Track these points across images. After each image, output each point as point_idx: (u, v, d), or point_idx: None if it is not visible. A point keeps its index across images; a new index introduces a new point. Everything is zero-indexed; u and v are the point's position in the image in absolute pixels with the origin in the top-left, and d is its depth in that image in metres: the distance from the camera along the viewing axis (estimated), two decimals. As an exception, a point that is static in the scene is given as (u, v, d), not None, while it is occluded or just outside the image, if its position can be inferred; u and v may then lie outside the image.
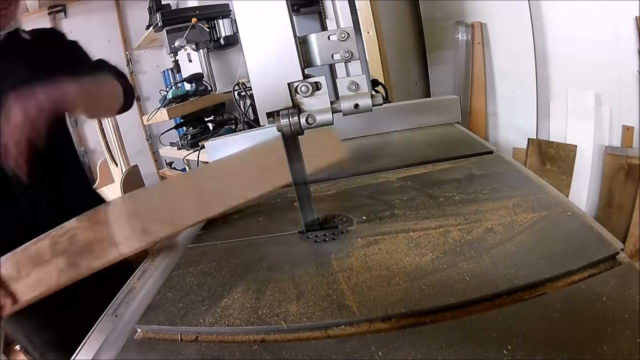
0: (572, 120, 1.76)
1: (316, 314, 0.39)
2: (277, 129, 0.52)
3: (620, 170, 1.67)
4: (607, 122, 1.69)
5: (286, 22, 0.49)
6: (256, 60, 0.51)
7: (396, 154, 0.85)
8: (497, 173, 0.64)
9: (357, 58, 0.50)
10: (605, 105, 1.68)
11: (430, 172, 0.70)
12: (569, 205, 0.50)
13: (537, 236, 0.45)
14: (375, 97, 0.51)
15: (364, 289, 0.42)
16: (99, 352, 0.44)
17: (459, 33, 1.93)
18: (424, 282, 0.41)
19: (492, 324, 0.34)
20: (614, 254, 0.40)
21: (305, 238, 0.56)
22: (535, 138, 1.87)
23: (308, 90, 0.51)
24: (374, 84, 1.31)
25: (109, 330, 0.47)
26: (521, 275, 0.39)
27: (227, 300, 0.45)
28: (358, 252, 0.49)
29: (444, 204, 0.57)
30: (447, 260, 0.43)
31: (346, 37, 0.50)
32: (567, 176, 1.76)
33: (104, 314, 0.51)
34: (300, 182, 0.55)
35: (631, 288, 0.35)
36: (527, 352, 0.30)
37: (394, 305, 0.38)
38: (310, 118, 0.51)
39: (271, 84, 0.51)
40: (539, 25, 1.75)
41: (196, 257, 0.57)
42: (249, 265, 0.51)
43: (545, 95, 1.83)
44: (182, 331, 0.43)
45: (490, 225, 0.49)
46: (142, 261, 0.62)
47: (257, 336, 0.40)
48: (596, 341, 0.30)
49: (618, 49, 1.59)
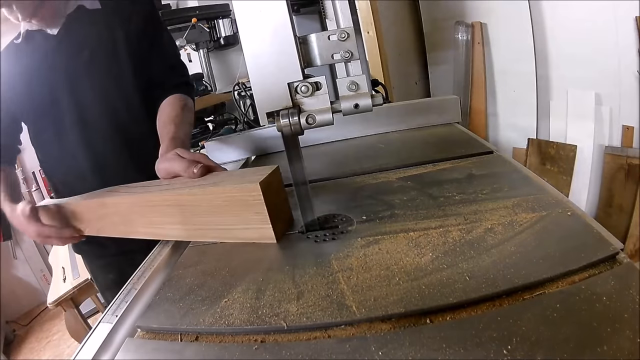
0: (572, 120, 1.76)
1: (316, 314, 0.39)
2: (277, 129, 0.52)
3: (620, 170, 1.67)
4: (607, 122, 1.69)
5: (286, 22, 0.49)
6: (256, 60, 0.51)
7: (396, 154, 0.85)
8: (497, 173, 0.64)
9: (357, 58, 0.50)
10: (605, 105, 1.68)
11: (430, 172, 0.70)
12: (569, 205, 0.50)
13: (537, 236, 0.45)
14: (375, 97, 0.51)
15: (364, 288, 0.42)
16: (99, 352, 0.44)
17: (459, 33, 1.93)
18: (424, 282, 0.41)
19: (492, 324, 0.34)
20: (614, 254, 0.39)
21: (305, 238, 0.56)
22: (535, 138, 1.87)
23: (308, 90, 0.51)
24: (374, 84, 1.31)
25: (109, 330, 0.47)
26: (521, 275, 0.38)
27: (227, 300, 0.45)
28: (358, 252, 0.49)
29: (444, 204, 0.57)
30: (447, 260, 0.43)
31: (346, 37, 0.50)
32: (567, 176, 1.76)
33: (104, 314, 0.51)
34: (300, 182, 0.55)
35: (631, 288, 0.35)
36: (527, 352, 0.30)
37: (394, 305, 0.38)
38: (310, 118, 0.51)
39: (271, 84, 0.51)
40: (539, 25, 1.75)
41: (196, 257, 0.57)
42: (249, 265, 0.51)
43: (545, 95, 1.83)
44: (182, 331, 0.43)
45: (490, 225, 0.49)
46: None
47: (257, 336, 0.40)
48: (596, 341, 0.30)
49: (618, 49, 1.59)
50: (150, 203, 0.63)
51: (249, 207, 0.54)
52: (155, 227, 0.65)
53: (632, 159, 1.63)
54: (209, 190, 0.57)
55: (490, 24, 1.88)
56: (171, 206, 0.61)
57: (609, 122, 1.69)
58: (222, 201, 0.56)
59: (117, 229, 0.70)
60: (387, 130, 1.01)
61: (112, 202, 0.68)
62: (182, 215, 0.61)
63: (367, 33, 1.52)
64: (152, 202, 0.63)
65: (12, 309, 2.67)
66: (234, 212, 0.56)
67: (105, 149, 0.88)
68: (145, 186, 0.67)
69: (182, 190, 0.59)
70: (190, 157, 0.66)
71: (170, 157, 0.67)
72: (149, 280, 0.58)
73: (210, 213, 0.58)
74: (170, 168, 0.65)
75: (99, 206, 0.70)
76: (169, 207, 0.61)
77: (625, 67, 1.59)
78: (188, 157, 0.65)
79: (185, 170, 0.63)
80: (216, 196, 0.56)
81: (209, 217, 0.58)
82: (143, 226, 0.66)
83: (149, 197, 0.63)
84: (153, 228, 0.66)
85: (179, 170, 0.64)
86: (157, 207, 0.63)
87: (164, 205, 0.62)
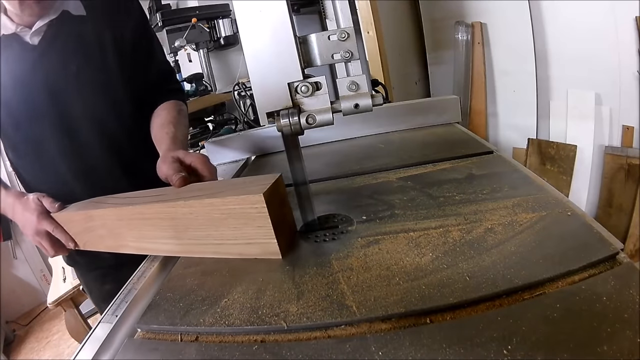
0: (572, 120, 1.76)
1: (316, 314, 0.39)
2: (277, 129, 0.52)
3: (620, 170, 1.67)
4: (607, 122, 1.69)
5: (286, 22, 0.49)
6: (256, 60, 0.51)
7: (396, 154, 0.84)
8: (497, 173, 0.64)
9: (357, 58, 0.50)
10: (605, 105, 1.68)
11: (430, 172, 0.70)
12: (569, 205, 0.50)
13: (537, 236, 0.45)
14: (375, 97, 0.51)
15: (364, 289, 0.42)
16: (99, 352, 0.44)
17: (459, 33, 1.93)
18: (424, 282, 0.41)
19: (492, 324, 0.34)
20: (614, 254, 0.39)
21: (305, 238, 0.56)
22: (535, 138, 1.87)
23: (308, 90, 0.51)
24: (374, 84, 1.31)
25: (109, 330, 0.47)
26: (521, 275, 0.39)
27: (227, 300, 0.45)
28: (358, 252, 0.49)
29: (444, 204, 0.57)
30: (447, 260, 0.43)
31: (346, 37, 0.50)
32: (567, 176, 1.76)
33: (104, 314, 0.51)
34: (301, 182, 0.55)
35: (631, 288, 0.35)
36: (527, 352, 0.31)
37: (394, 305, 0.38)
38: (311, 118, 0.51)
39: (271, 84, 0.51)
40: (539, 25, 1.74)
41: (196, 257, 0.57)
42: (249, 265, 0.51)
43: (545, 95, 1.83)
44: (182, 331, 0.43)
45: (490, 225, 0.49)
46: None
47: (257, 336, 0.40)
48: (596, 341, 0.30)
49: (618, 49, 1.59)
50: (141, 215, 0.58)
51: (251, 220, 0.50)
52: (147, 242, 0.60)
53: (632, 159, 1.63)
54: (206, 202, 0.52)
55: (490, 24, 1.88)
56: (164, 219, 0.56)
57: (609, 122, 1.69)
58: (220, 213, 0.51)
59: (104, 243, 0.65)
60: (387, 130, 1.01)
61: (99, 215, 0.63)
62: (176, 229, 0.56)
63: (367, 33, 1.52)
64: (143, 215, 0.58)
65: (12, 309, 2.67)
66: (234, 225, 0.51)
67: (95, 164, 0.83)
68: (134, 197, 0.62)
69: (176, 201, 0.54)
70: (190, 160, 0.64)
71: (169, 159, 0.64)
72: (149, 280, 0.58)
73: (207, 226, 0.53)
74: (166, 171, 0.62)
75: (85, 219, 0.65)
76: (162, 220, 0.56)
77: (625, 67, 1.58)
78: (187, 160, 0.64)
79: (170, 177, 0.60)
80: (214, 208, 0.51)
81: (206, 231, 0.54)
82: (133, 240, 0.61)
83: (139, 208, 0.58)
84: (144, 242, 0.61)
85: (168, 175, 0.61)
86: (148, 220, 0.58)
87: (156, 217, 0.57)
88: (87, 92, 0.79)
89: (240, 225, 0.51)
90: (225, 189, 0.53)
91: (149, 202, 0.58)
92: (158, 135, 0.80)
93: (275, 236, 0.50)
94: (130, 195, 0.64)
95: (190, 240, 0.56)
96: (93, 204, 0.67)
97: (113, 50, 0.81)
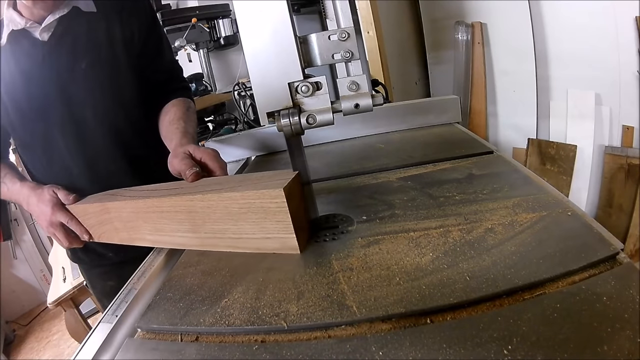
0: (572, 120, 1.76)
1: (316, 314, 0.39)
2: (277, 129, 0.52)
3: (620, 170, 1.67)
4: (607, 122, 1.69)
5: (286, 22, 0.49)
6: (256, 60, 0.51)
7: (396, 154, 0.84)
8: (497, 173, 0.64)
9: (357, 58, 0.50)
10: (605, 105, 1.68)
11: (430, 172, 0.70)
12: (569, 205, 0.50)
13: (537, 236, 0.45)
14: (376, 97, 0.51)
15: (364, 289, 0.42)
16: (99, 352, 0.44)
17: (459, 33, 1.93)
18: (424, 282, 0.41)
19: (492, 324, 0.34)
20: (614, 254, 0.40)
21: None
22: (535, 138, 1.87)
23: (308, 90, 0.51)
24: (374, 84, 1.31)
25: (109, 330, 0.47)
26: (521, 275, 0.39)
27: (227, 300, 0.45)
28: (358, 252, 0.49)
29: (444, 204, 0.57)
30: (447, 260, 0.43)
31: (346, 37, 0.50)
32: (567, 176, 1.76)
33: (104, 314, 0.51)
34: (304, 182, 0.55)
35: (631, 288, 0.35)
36: (527, 352, 0.31)
37: (394, 305, 0.38)
38: (311, 118, 0.51)
39: (271, 84, 0.51)
40: (539, 25, 1.75)
41: (196, 257, 0.57)
42: (249, 265, 0.51)
43: (545, 95, 1.83)
44: (182, 331, 0.43)
45: (490, 225, 0.49)
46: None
47: (257, 336, 0.40)
48: (596, 341, 0.30)
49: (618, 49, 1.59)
50: (158, 208, 0.58)
51: (271, 214, 0.50)
52: (163, 235, 0.61)
53: (632, 159, 1.63)
54: (225, 196, 0.52)
55: (490, 24, 1.88)
56: (181, 212, 0.56)
57: (609, 122, 1.69)
58: (239, 207, 0.51)
59: (119, 236, 0.66)
60: (387, 130, 1.01)
61: (115, 207, 0.63)
62: (193, 222, 0.56)
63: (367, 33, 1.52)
64: (159, 207, 0.58)
65: (12, 309, 2.67)
66: (253, 219, 0.52)
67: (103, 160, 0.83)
68: (151, 189, 0.63)
69: (194, 195, 0.55)
70: (200, 155, 0.64)
71: (180, 154, 0.64)
72: (149, 280, 0.58)
73: (225, 220, 0.53)
74: (178, 166, 0.63)
75: (100, 211, 0.66)
76: (179, 213, 0.57)
77: (625, 67, 1.59)
78: (197, 155, 0.64)
79: (184, 172, 0.61)
80: (234, 202, 0.51)
81: (224, 224, 0.54)
82: (149, 233, 0.62)
83: (156, 201, 0.58)
84: (160, 235, 0.61)
85: (181, 170, 0.62)
86: (165, 213, 0.58)
87: (172, 210, 0.57)
88: (96, 88, 0.80)
89: (259, 219, 0.51)
90: (243, 184, 0.54)
91: (165, 195, 0.58)
92: (167, 131, 0.80)
93: (294, 231, 0.50)
94: (146, 188, 0.64)
95: (207, 233, 0.56)
96: (109, 196, 0.67)
97: (122, 48, 0.81)
